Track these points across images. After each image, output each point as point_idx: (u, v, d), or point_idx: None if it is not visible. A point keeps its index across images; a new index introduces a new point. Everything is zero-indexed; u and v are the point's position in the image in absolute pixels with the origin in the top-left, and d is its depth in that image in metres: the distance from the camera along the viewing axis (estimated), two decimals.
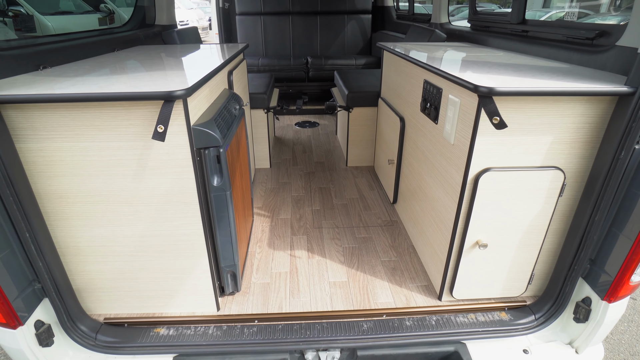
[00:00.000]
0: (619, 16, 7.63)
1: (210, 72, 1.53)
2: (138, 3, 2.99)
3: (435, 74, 1.65)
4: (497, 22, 2.59)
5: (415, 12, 4.34)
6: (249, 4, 4.75)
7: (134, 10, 2.99)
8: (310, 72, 4.58)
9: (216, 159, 1.40)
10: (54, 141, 1.31)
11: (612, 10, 8.05)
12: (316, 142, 3.78)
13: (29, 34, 4.83)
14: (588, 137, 1.42)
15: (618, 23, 1.61)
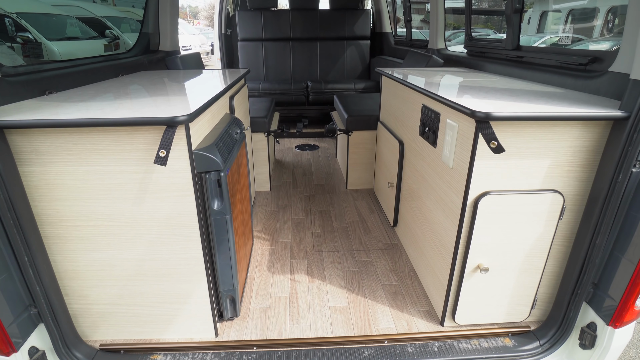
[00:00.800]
0: (611, 40, 7.82)
1: (212, 98, 1.56)
2: (143, 30, 3.07)
3: (433, 99, 1.68)
4: (493, 48, 2.66)
5: (412, 38, 4.45)
6: (250, 30, 4.88)
7: (138, 37, 3.07)
8: (310, 96, 4.66)
9: (217, 183, 1.40)
10: (56, 165, 1.32)
11: (606, 32, 8.23)
12: (316, 164, 3.81)
13: (36, 60, 4.94)
14: (586, 161, 1.43)
15: (610, 49, 1.66)
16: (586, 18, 9.18)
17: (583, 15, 9.32)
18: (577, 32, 9.27)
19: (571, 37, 9.22)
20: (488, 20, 15.63)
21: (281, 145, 4.42)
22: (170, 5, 3.07)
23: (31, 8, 6.19)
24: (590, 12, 9.10)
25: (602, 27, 8.43)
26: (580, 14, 9.47)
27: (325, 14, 4.94)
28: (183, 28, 15.51)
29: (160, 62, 3.08)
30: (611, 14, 8.11)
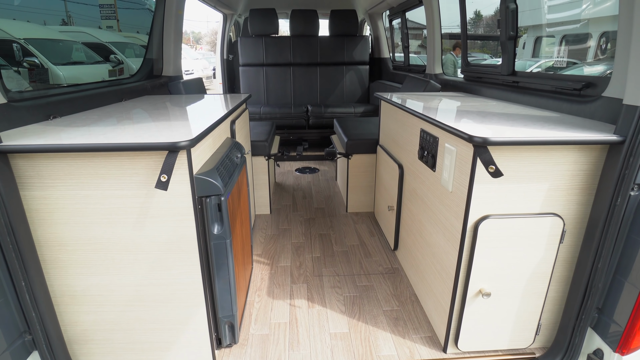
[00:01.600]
0: (605, 64, 7.97)
1: (214, 123, 1.58)
2: (147, 56, 3.15)
3: (431, 124, 1.71)
4: (489, 73, 2.71)
5: (410, 63, 4.55)
6: (252, 56, 4.99)
7: (142, 63, 3.14)
8: (311, 120, 4.72)
9: (217, 207, 1.41)
10: (58, 189, 1.33)
11: (600, 53, 8.39)
12: (316, 188, 3.82)
13: (42, 85, 5.03)
14: (584, 184, 1.44)
15: (604, 72, 1.69)
16: (580, 42, 9.40)
17: (576, 40, 9.55)
18: (572, 56, 9.47)
19: (566, 61, 9.41)
20: (484, 45, 15.99)
21: (281, 169, 4.44)
22: (174, 32, 3.15)
23: (39, 34, 6.37)
24: (583, 37, 9.33)
25: (595, 51, 8.62)
26: (573, 38, 9.71)
27: (325, 40, 5.07)
28: (186, 53, 15.84)
29: (163, 87, 3.13)
30: (604, 39, 8.30)
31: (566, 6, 10.46)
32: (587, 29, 9.32)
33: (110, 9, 10.38)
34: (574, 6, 9.97)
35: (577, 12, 9.92)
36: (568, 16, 10.24)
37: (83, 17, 10.45)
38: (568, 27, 10.08)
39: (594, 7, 9.24)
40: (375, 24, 5.29)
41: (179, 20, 3.20)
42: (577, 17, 9.78)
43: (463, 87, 2.99)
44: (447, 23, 3.66)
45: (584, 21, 9.50)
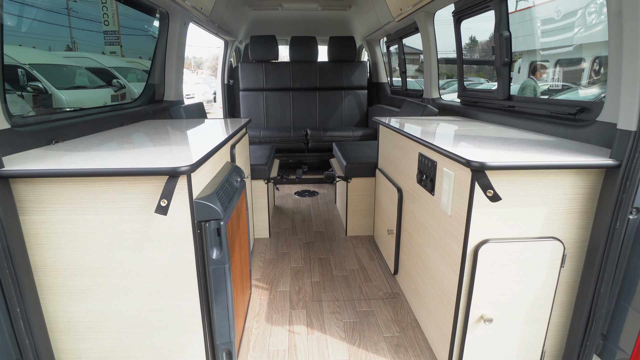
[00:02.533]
0: (599, 87, 8.12)
1: (214, 148, 1.60)
2: (149, 81, 3.20)
3: (429, 148, 1.73)
4: (485, 98, 2.76)
5: (408, 87, 4.64)
6: (252, 81, 5.09)
7: (144, 88, 3.20)
8: (310, 143, 4.76)
9: (216, 232, 1.40)
10: (57, 214, 1.33)
11: (594, 74, 8.54)
12: (315, 211, 3.81)
13: (45, 110, 5.10)
14: (583, 208, 1.44)
15: (599, 96, 1.72)
16: (573, 66, 9.62)
17: (570, 64, 9.77)
18: (566, 79, 9.66)
19: (560, 85, 9.58)
20: (480, 69, 16.32)
21: (281, 192, 4.45)
22: (176, 58, 3.23)
23: (44, 59, 6.50)
24: (576, 61, 9.55)
25: (589, 75, 8.79)
26: (567, 62, 9.93)
27: (324, 65, 5.18)
28: (187, 77, 16.10)
29: (165, 112, 3.18)
30: (597, 62, 8.49)
31: (559, 32, 10.77)
32: (580, 53, 9.55)
33: (114, 35, 10.64)
34: (567, 32, 10.26)
35: (569, 37, 10.20)
36: (561, 40, 10.52)
37: (87, 43, 10.69)
38: (561, 50, 10.33)
39: (586, 30, 9.50)
40: (373, 50, 5.42)
41: (181, 47, 3.28)
42: (570, 42, 10.05)
43: (460, 112, 3.03)
44: (444, 48, 3.75)
45: (577, 46, 9.75)
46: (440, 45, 3.51)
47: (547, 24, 11.34)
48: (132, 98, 6.64)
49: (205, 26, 4.05)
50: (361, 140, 4.74)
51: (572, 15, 10.15)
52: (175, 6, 2.95)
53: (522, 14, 11.63)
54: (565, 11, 10.40)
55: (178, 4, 2.91)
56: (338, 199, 3.80)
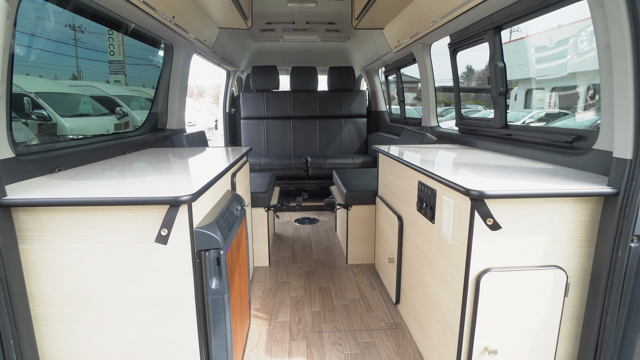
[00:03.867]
0: (595, 113, 8.23)
1: (215, 177, 1.61)
2: (152, 110, 3.26)
3: (428, 177, 1.74)
4: (483, 126, 2.81)
5: (406, 116, 4.71)
6: (253, 109, 5.18)
7: (147, 116, 3.25)
8: (310, 171, 4.79)
9: (216, 261, 1.40)
10: (57, 242, 1.32)
11: (589, 99, 8.67)
12: (316, 239, 3.79)
13: (49, 139, 5.16)
14: (584, 236, 1.44)
15: (595, 122, 1.74)
16: (569, 94, 9.80)
17: (565, 92, 9.95)
18: (562, 106, 9.82)
19: (557, 112, 9.73)
20: (477, 97, 16.60)
21: (281, 219, 4.43)
22: (179, 88, 3.30)
23: (50, 88, 6.64)
24: (571, 89, 9.74)
25: (584, 102, 8.94)
26: (562, 90, 10.13)
27: (324, 94, 5.28)
28: (189, 105, 16.33)
29: (167, 140, 3.22)
30: (591, 90, 8.66)
31: (553, 59, 11.04)
32: (575, 81, 9.76)
33: (119, 64, 10.94)
34: (560, 59, 10.51)
35: (563, 64, 10.44)
36: (555, 66, 10.77)
37: (93, 72, 10.95)
38: (556, 77, 10.56)
39: (579, 57, 9.73)
40: (371, 79, 5.54)
41: (184, 77, 3.36)
42: (564, 69, 10.28)
43: (458, 139, 3.07)
44: (442, 76, 3.84)
45: (571, 74, 9.97)
46: (438, 73, 3.59)
47: (541, 52, 11.64)
48: (135, 125, 6.71)
49: (208, 57, 4.16)
50: (361, 167, 4.77)
51: (565, 43, 10.44)
52: (179, 38, 3.05)
53: (516, 44, 11.95)
54: (557, 39, 10.70)
55: (182, 36, 3.01)
56: (338, 227, 3.79)
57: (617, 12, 1.27)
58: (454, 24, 2.69)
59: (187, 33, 3.02)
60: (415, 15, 3.10)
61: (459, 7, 2.36)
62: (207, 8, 3.21)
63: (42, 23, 7.28)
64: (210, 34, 3.71)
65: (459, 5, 2.36)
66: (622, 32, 1.26)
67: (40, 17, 7.13)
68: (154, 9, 2.34)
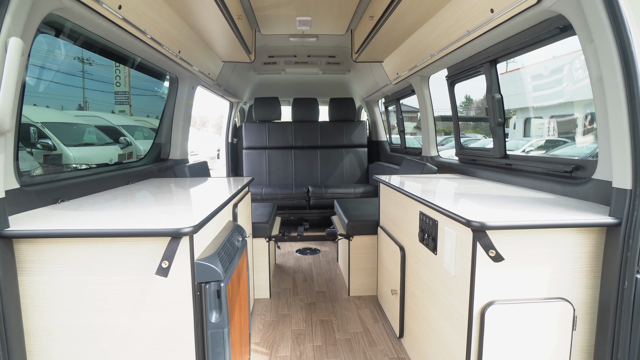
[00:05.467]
0: (594, 141, 8.28)
1: (217, 208, 1.62)
2: (156, 140, 3.31)
3: (430, 207, 1.74)
4: (482, 156, 2.83)
5: (407, 145, 4.76)
6: (255, 139, 5.25)
7: (151, 147, 3.29)
8: (311, 200, 4.79)
9: (216, 294, 1.38)
10: (57, 274, 1.31)
11: (588, 124, 8.73)
12: (317, 269, 3.74)
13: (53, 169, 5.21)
14: (588, 267, 1.42)
15: (595, 151, 1.75)
16: (567, 122, 9.91)
17: (563, 120, 10.08)
18: (561, 134, 9.90)
19: (555, 140, 9.79)
20: (477, 125, 16.79)
21: (282, 250, 4.39)
22: (183, 119, 3.36)
23: (56, 118, 6.76)
24: (569, 117, 9.87)
25: (583, 130, 9.03)
26: (560, 119, 10.25)
27: (325, 125, 5.37)
28: (192, 135, 16.51)
29: (169, 170, 3.24)
30: (589, 118, 8.76)
31: (549, 87, 11.25)
32: (572, 109, 9.90)
33: (124, 95, 11.20)
34: (556, 87, 10.72)
35: (559, 92, 10.63)
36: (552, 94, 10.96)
37: (98, 102, 11.19)
38: (553, 104, 10.72)
39: (574, 84, 9.91)
40: (371, 110, 5.65)
41: (188, 108, 3.43)
42: (560, 96, 10.45)
43: (458, 169, 3.09)
44: (442, 105, 3.90)
45: (569, 103, 10.13)
46: (438, 102, 3.67)
47: (537, 80, 11.89)
48: (138, 154, 6.78)
49: (212, 89, 4.26)
50: (362, 197, 4.77)
51: (560, 72, 10.68)
52: (184, 72, 3.14)
53: (512, 75, 12.23)
54: (553, 67, 10.96)
55: (187, 70, 3.10)
56: (340, 257, 3.75)
57: (606, 47, 1.32)
58: (451, 57, 2.77)
59: (192, 67, 3.11)
60: (413, 49, 3.21)
61: (455, 41, 2.44)
62: (212, 43, 3.32)
63: (53, 56, 7.50)
64: (214, 67, 3.82)
65: (455, 40, 2.44)
66: (613, 66, 1.30)
67: (51, 50, 7.35)
68: (161, 44, 2.43)
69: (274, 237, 3.12)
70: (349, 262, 3.09)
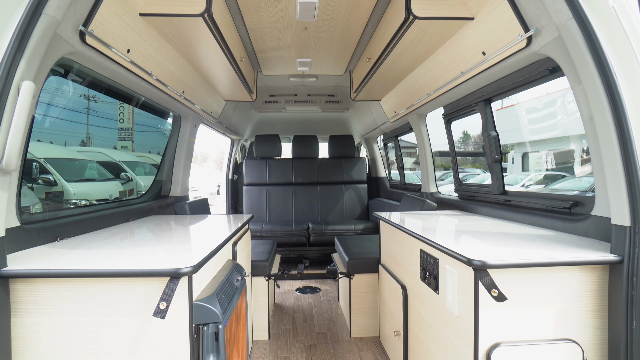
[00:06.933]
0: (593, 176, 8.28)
1: (216, 247, 1.60)
2: (157, 177, 3.34)
3: (430, 245, 1.73)
4: (481, 192, 2.85)
5: (406, 181, 4.79)
6: (255, 176, 5.29)
7: (152, 184, 3.32)
8: (311, 237, 4.75)
9: (214, 336, 1.34)
10: (51, 316, 1.29)
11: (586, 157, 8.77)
12: (318, 309, 3.64)
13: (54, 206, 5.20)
14: (594, 306, 1.40)
15: (593, 185, 1.74)
16: (565, 156, 10.00)
17: (561, 154, 10.17)
18: (559, 168, 9.96)
19: (554, 175, 9.83)
20: (476, 160, 16.93)
21: (281, 289, 4.30)
22: (184, 156, 3.41)
23: (58, 154, 6.82)
24: (567, 152, 9.97)
25: (581, 164, 9.09)
26: (558, 153, 10.36)
27: (325, 161, 5.43)
28: (193, 170, 16.63)
29: (170, 207, 3.25)
30: (586, 152, 8.83)
31: (544, 120, 11.45)
32: (569, 143, 10.02)
33: (127, 131, 11.40)
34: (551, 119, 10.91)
35: (554, 126, 10.81)
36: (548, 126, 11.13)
37: (101, 138, 11.35)
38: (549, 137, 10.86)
39: (568, 117, 10.08)
40: (371, 146, 5.73)
41: (190, 146, 3.49)
42: (557, 131, 10.61)
43: (458, 205, 3.09)
44: (440, 141, 3.95)
45: (565, 137, 10.27)
46: (436, 137, 3.73)
47: (532, 113, 12.10)
48: (138, 190, 6.78)
49: (214, 127, 4.35)
50: (362, 234, 4.74)
51: (553, 104, 10.91)
52: (187, 110, 3.22)
53: (508, 111, 12.50)
54: (546, 101, 11.20)
55: (190, 109, 3.18)
56: (341, 297, 3.67)
57: (594, 87, 1.36)
58: (446, 96, 2.86)
59: (195, 106, 3.20)
60: (410, 89, 3.31)
61: (450, 81, 2.53)
62: (215, 83, 3.43)
63: (60, 93, 7.69)
64: (216, 106, 3.92)
65: (450, 80, 2.53)
66: (602, 106, 1.34)
67: (58, 88, 7.55)
68: (166, 85, 2.51)
69: (274, 276, 3.07)
70: (350, 302, 3.02)
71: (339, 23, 2.73)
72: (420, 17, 2.03)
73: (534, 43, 1.71)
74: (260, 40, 3.09)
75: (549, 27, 1.57)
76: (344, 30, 2.87)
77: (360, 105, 4.91)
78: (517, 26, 1.74)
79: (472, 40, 2.14)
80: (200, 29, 2.15)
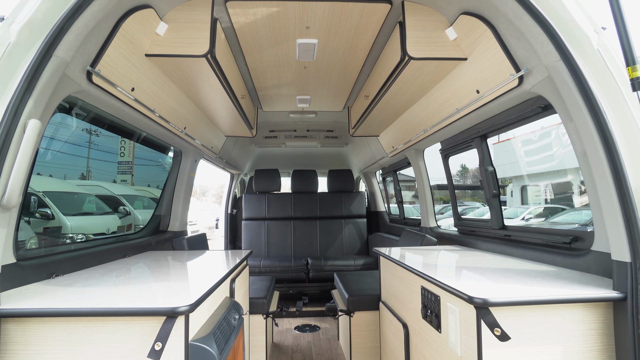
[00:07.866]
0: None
1: (214, 285, 1.58)
2: (156, 212, 3.33)
3: (431, 282, 1.71)
4: (481, 227, 2.84)
5: (405, 216, 4.78)
6: (254, 210, 5.27)
7: (151, 218, 3.30)
8: (311, 273, 4.68)
9: None
10: (43, 356, 1.25)
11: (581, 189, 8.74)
12: (317, 349, 3.53)
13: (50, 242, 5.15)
14: (600, 345, 1.36)
15: (590, 221, 1.74)
16: (563, 189, 10.03)
17: (559, 187, 10.21)
18: (558, 201, 9.96)
19: (554, 207, 9.81)
20: (475, 193, 16.94)
21: (280, 327, 4.18)
22: (184, 191, 3.42)
23: (57, 187, 6.82)
24: (565, 184, 10.01)
25: (580, 196, 9.09)
26: (556, 186, 10.40)
27: (324, 196, 5.44)
28: (191, 204, 16.57)
29: (167, 242, 3.22)
30: (583, 184, 8.84)
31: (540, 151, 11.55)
32: (566, 175, 10.08)
33: (127, 165, 11.47)
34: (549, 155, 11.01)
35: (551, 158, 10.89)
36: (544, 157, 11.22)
37: (101, 171, 11.39)
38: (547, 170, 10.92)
39: (563, 149, 10.18)
40: (369, 181, 5.76)
41: (190, 181, 3.51)
42: (553, 164, 10.69)
43: (458, 240, 3.08)
44: (438, 174, 3.98)
45: (562, 170, 10.34)
46: (435, 170, 3.76)
47: (527, 145, 12.24)
48: (137, 224, 6.75)
49: (214, 162, 4.40)
50: (362, 269, 4.67)
51: (548, 136, 11.06)
52: (188, 146, 3.27)
53: (504, 145, 12.67)
54: (541, 133, 11.36)
55: (191, 144, 3.23)
56: (341, 335, 3.56)
57: (585, 125, 1.40)
58: (443, 132, 2.91)
59: (196, 141, 3.25)
60: (407, 125, 3.38)
61: (446, 118, 2.59)
62: (216, 119, 3.50)
63: (62, 128, 7.78)
64: (217, 142, 3.98)
65: (446, 117, 2.59)
66: (594, 143, 1.37)
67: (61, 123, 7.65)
68: (168, 121, 2.57)
69: (272, 314, 3.00)
70: (350, 341, 2.93)
71: (337, 62, 2.83)
72: (415, 57, 2.11)
73: (526, 82, 1.77)
74: (261, 79, 3.19)
75: (539, 67, 1.63)
76: (342, 69, 2.97)
77: (358, 140, 4.98)
78: (508, 66, 1.80)
79: (466, 79, 2.22)
80: (204, 69, 2.23)
